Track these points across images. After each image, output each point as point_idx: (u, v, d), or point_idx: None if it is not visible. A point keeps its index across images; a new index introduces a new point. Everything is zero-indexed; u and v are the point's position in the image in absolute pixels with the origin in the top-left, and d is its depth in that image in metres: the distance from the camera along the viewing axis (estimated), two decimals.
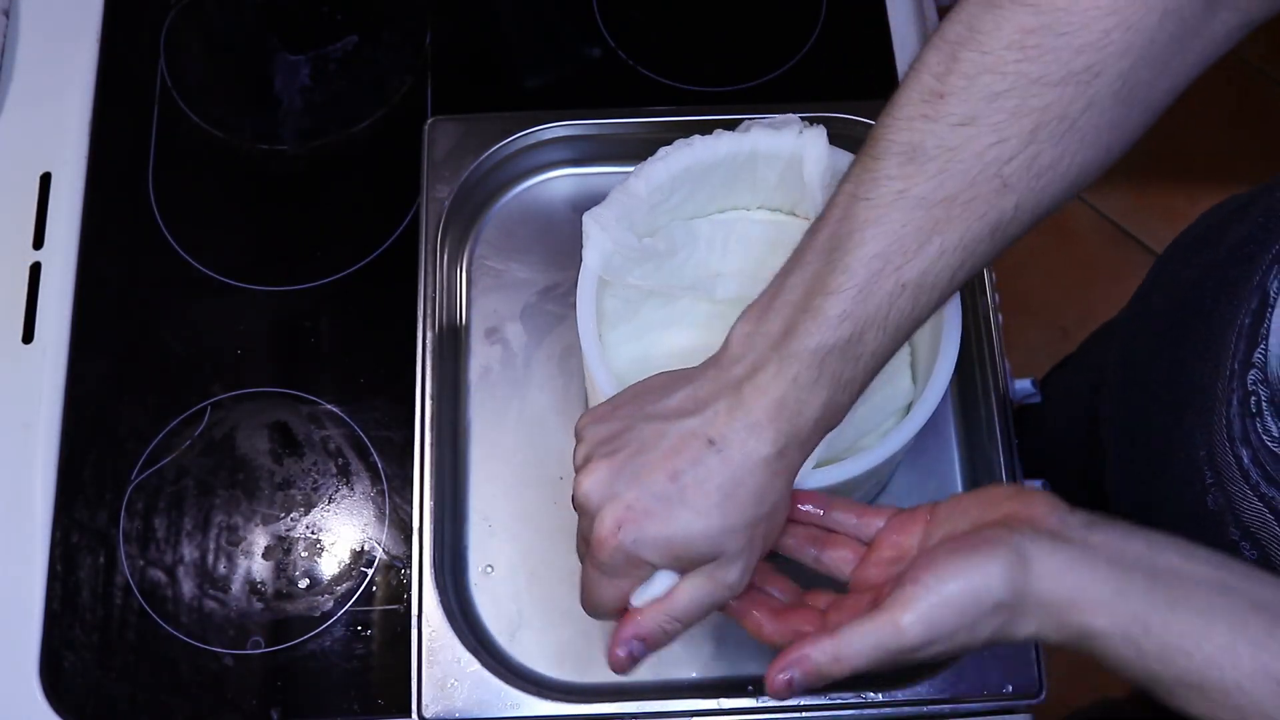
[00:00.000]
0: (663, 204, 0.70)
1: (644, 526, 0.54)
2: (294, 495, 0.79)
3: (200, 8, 0.93)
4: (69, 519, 0.78)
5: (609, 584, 0.57)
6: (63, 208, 0.86)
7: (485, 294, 0.83)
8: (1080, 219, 1.71)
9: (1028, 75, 0.53)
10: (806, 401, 0.54)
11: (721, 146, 0.70)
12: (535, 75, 0.92)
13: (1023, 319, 1.60)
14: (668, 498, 0.54)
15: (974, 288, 0.79)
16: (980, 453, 0.78)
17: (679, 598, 0.56)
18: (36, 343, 0.83)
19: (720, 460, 0.54)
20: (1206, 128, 1.75)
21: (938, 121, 0.54)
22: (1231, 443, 0.62)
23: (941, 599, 0.51)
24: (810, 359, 0.54)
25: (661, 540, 0.54)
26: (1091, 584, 0.50)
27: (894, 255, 0.54)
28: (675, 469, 0.54)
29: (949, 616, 0.51)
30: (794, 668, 0.53)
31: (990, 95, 0.53)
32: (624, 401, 0.58)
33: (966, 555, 0.51)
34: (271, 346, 0.84)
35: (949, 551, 0.52)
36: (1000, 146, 0.53)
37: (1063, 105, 0.53)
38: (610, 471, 0.55)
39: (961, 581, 0.51)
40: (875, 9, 0.92)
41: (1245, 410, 0.61)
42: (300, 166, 0.89)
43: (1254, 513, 0.62)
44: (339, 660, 0.76)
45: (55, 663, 0.75)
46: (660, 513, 0.54)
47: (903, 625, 0.51)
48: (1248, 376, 0.61)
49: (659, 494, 0.54)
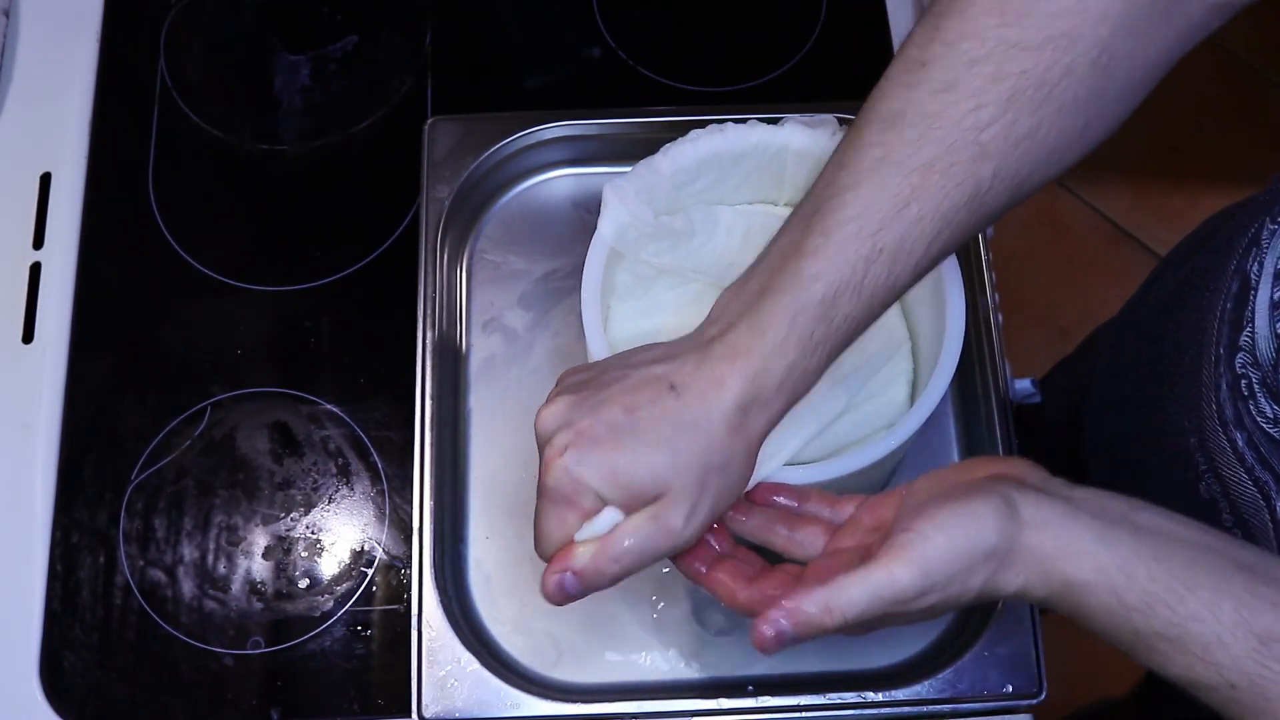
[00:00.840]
0: (687, 185, 0.70)
1: (590, 451, 0.55)
2: (294, 495, 0.79)
3: (200, 8, 0.94)
4: (69, 519, 0.78)
5: (556, 516, 0.56)
6: (63, 208, 0.86)
7: (484, 287, 0.83)
8: (1080, 219, 1.71)
9: (1006, 40, 0.53)
10: (772, 359, 0.55)
11: (753, 137, 0.70)
12: (535, 75, 0.92)
13: (1023, 319, 1.60)
14: (618, 427, 0.55)
15: (974, 287, 0.79)
16: (980, 453, 0.77)
17: (619, 537, 0.56)
18: (36, 343, 0.83)
19: (679, 404, 0.55)
20: (1206, 128, 1.75)
21: (918, 89, 0.55)
22: (1224, 427, 0.62)
23: (936, 545, 0.51)
24: (781, 317, 0.54)
25: (605, 465, 0.55)
26: (1077, 535, 0.51)
27: (870, 220, 0.54)
28: (632, 404, 0.55)
29: (944, 562, 0.51)
30: (784, 619, 0.53)
31: (969, 61, 0.54)
32: (607, 361, 0.60)
33: (959, 503, 0.52)
34: (271, 346, 0.84)
35: (941, 500, 0.53)
36: (978, 113, 0.54)
37: (1040, 71, 0.53)
38: (570, 404, 0.56)
39: (956, 527, 0.51)
40: (875, 9, 0.92)
41: (1236, 394, 0.61)
42: (300, 166, 0.89)
43: (1249, 498, 0.62)
44: (339, 660, 0.76)
45: (55, 663, 0.75)
46: (608, 440, 0.55)
47: (897, 572, 0.51)
48: (1235, 360, 0.61)
49: (611, 423, 0.55)
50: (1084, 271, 1.68)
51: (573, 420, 0.56)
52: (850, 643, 0.75)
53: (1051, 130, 0.55)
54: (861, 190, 0.54)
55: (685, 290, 0.73)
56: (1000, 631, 0.71)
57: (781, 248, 0.56)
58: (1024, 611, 0.72)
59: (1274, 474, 0.60)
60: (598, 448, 0.55)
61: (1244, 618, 0.49)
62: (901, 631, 0.75)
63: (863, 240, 0.54)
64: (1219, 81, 1.78)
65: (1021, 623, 0.72)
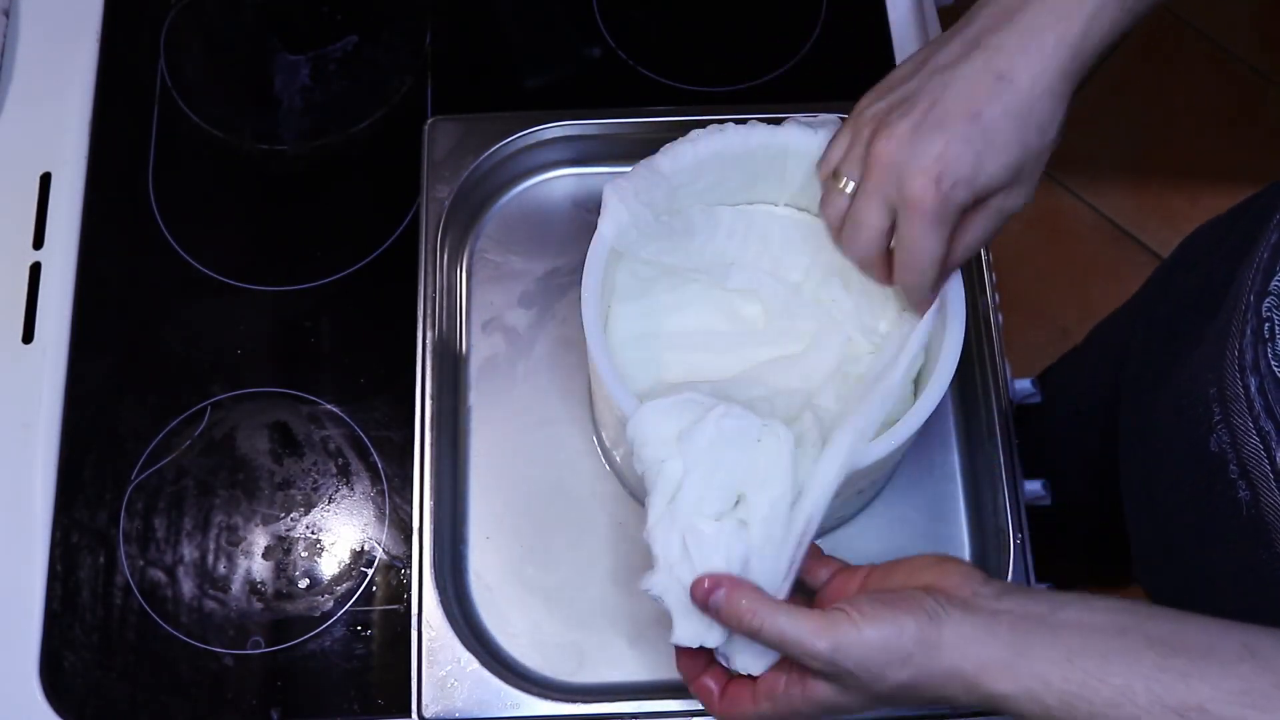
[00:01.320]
0: (687, 186, 0.70)
1: (958, 169, 0.57)
2: (294, 495, 0.79)
3: (200, 8, 0.94)
4: (69, 519, 0.78)
5: (934, 236, 0.59)
6: (63, 208, 0.86)
7: (484, 287, 0.83)
8: (1080, 219, 1.71)
9: None
10: (1096, 18, 0.57)
11: (754, 138, 0.70)
12: (535, 75, 0.92)
13: (1023, 319, 1.60)
14: (971, 139, 0.57)
15: (974, 287, 0.79)
16: (980, 453, 0.78)
17: (975, 231, 0.60)
18: (36, 343, 0.83)
19: (1012, 93, 0.57)
20: (1206, 128, 1.75)
21: None
22: (1242, 372, 0.63)
23: (857, 634, 0.54)
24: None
25: (972, 180, 0.57)
26: (995, 651, 0.53)
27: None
28: (973, 110, 0.57)
29: (857, 652, 0.54)
30: (722, 587, 0.57)
31: None
32: (900, 73, 0.61)
33: (891, 609, 0.55)
34: (271, 346, 0.84)
35: (879, 600, 0.55)
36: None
37: None
38: (911, 127, 0.58)
39: (879, 628, 0.54)
40: (875, 9, 0.92)
41: (1259, 338, 0.62)
42: (300, 166, 0.89)
43: (1251, 449, 0.62)
44: (339, 660, 0.76)
45: (55, 663, 0.75)
46: (969, 154, 0.57)
47: (817, 633, 0.54)
48: (1263, 305, 0.62)
49: (965, 135, 0.57)
50: (1084, 271, 1.68)
51: (924, 147, 0.57)
52: None
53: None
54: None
55: (685, 290, 0.73)
56: None
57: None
58: None
59: (1275, 423, 0.60)
60: (961, 166, 0.57)
61: (1157, 694, 0.50)
62: None
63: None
64: (1219, 81, 1.78)
65: None
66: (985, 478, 0.77)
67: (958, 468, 0.79)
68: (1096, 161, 1.73)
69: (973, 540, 0.77)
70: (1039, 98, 0.57)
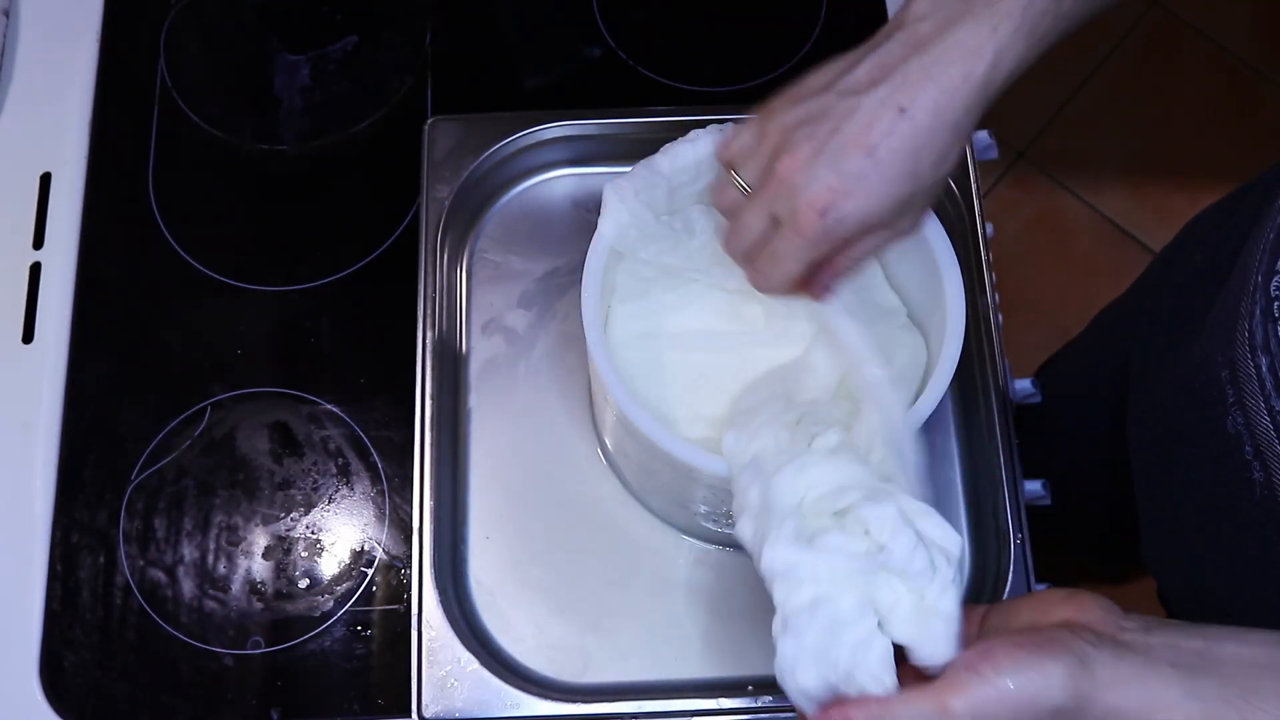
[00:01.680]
0: (687, 186, 0.70)
1: (845, 207, 0.57)
2: (294, 495, 0.79)
3: (200, 8, 0.94)
4: (69, 519, 0.78)
5: (799, 258, 0.60)
6: (63, 208, 0.86)
7: (484, 287, 0.83)
8: (1079, 219, 1.71)
9: None
10: (1003, 54, 0.55)
11: None
12: (535, 75, 0.92)
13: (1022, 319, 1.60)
14: (865, 176, 0.57)
15: (974, 287, 0.79)
16: (980, 453, 0.78)
17: (865, 246, 0.61)
18: (36, 343, 0.83)
19: (912, 127, 0.56)
20: (1205, 128, 1.75)
21: None
22: (1253, 352, 0.62)
23: (997, 692, 0.49)
24: (1012, 8, 0.55)
25: (859, 215, 0.58)
26: (1162, 690, 0.50)
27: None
28: (870, 144, 0.56)
29: (1001, 712, 0.50)
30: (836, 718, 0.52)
31: None
32: (813, 82, 0.60)
33: (1028, 654, 0.50)
34: (271, 346, 0.84)
35: (1009, 646, 0.51)
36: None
37: None
38: (811, 153, 0.57)
39: (1020, 679, 0.49)
40: (875, 9, 0.92)
41: (1269, 317, 0.61)
42: (300, 166, 0.89)
43: (1263, 429, 0.62)
44: (339, 660, 0.76)
45: (55, 663, 0.75)
46: (858, 193, 0.57)
47: (951, 707, 0.50)
48: (1271, 285, 0.61)
49: (859, 173, 0.57)
50: (1084, 271, 1.68)
51: (819, 174, 0.57)
52: None
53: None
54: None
55: (684, 291, 0.73)
56: None
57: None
58: None
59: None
60: (849, 201, 0.57)
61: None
62: None
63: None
64: (1219, 81, 1.78)
65: None
66: (985, 478, 0.77)
67: (958, 468, 0.79)
68: (1096, 161, 1.73)
69: (973, 540, 0.77)
70: (937, 132, 0.56)
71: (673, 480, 0.69)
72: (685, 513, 0.75)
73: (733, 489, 0.60)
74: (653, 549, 0.77)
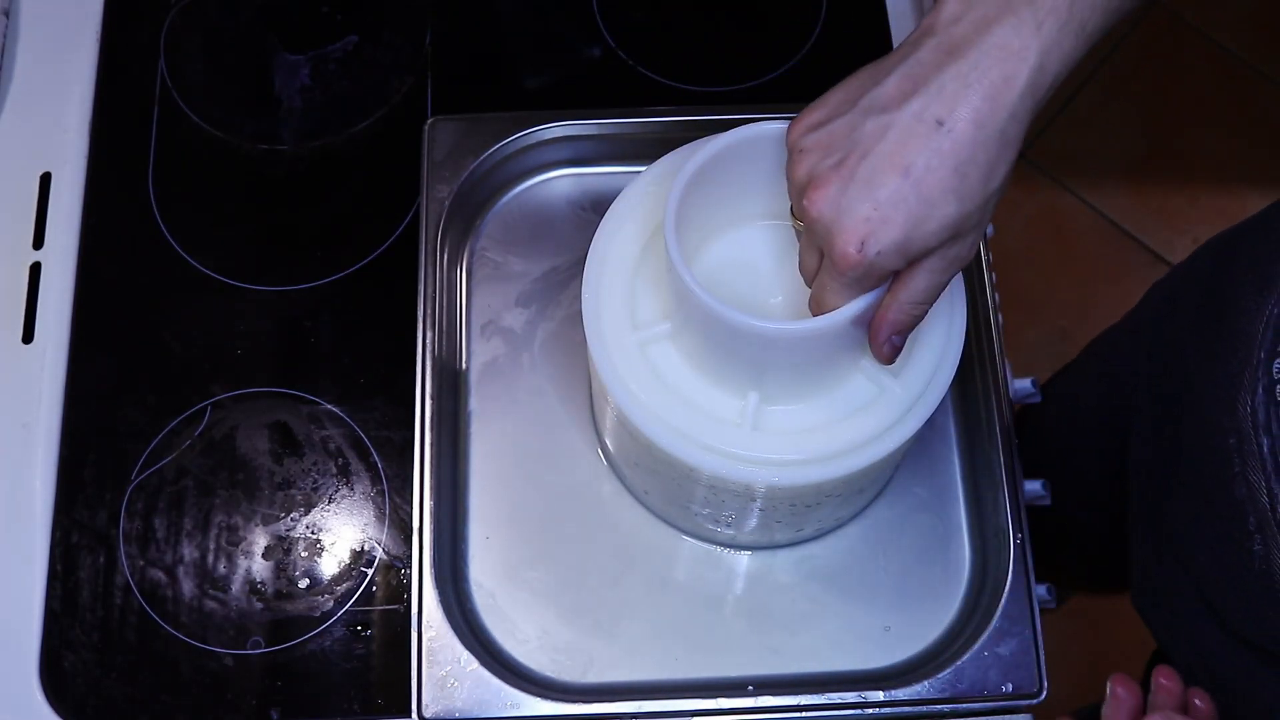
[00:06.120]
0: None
1: (884, 236, 0.52)
2: (294, 495, 0.79)
3: (200, 8, 0.93)
4: (69, 519, 0.78)
5: (847, 295, 0.56)
6: (63, 208, 0.86)
7: (484, 287, 0.83)
8: (1080, 219, 1.71)
9: None
10: (1050, 53, 0.50)
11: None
12: (535, 75, 0.92)
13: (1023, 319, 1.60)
14: (903, 200, 0.52)
15: (974, 287, 0.79)
16: (980, 453, 0.78)
17: (918, 283, 0.55)
18: (36, 343, 0.83)
19: (952, 142, 0.51)
20: (1205, 128, 1.75)
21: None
22: (1255, 431, 0.62)
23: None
24: (1058, 2, 0.50)
25: (902, 245, 0.53)
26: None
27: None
28: (906, 165, 0.51)
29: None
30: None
31: None
32: (836, 102, 0.55)
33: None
34: (271, 346, 0.84)
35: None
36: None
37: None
38: (840, 184, 0.53)
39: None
40: (875, 9, 0.92)
41: (1271, 398, 0.61)
42: (300, 166, 0.89)
43: (1263, 507, 0.62)
44: (339, 660, 0.76)
45: (55, 663, 0.75)
46: (898, 219, 0.52)
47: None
48: (1274, 365, 0.61)
49: (895, 198, 0.52)
50: (1084, 271, 1.68)
51: (852, 206, 0.52)
52: (851, 643, 0.75)
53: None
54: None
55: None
56: (1000, 631, 0.71)
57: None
58: (1024, 611, 0.72)
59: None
60: (889, 230, 0.52)
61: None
62: (901, 631, 0.75)
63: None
64: (1219, 81, 1.78)
65: (1022, 623, 0.72)
66: (985, 478, 0.77)
67: (958, 468, 0.79)
68: (1096, 161, 1.73)
69: (973, 540, 0.77)
70: (982, 145, 0.51)
71: (672, 480, 0.69)
72: (685, 513, 0.75)
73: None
74: (653, 549, 0.77)
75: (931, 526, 0.78)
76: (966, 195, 0.52)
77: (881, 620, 0.75)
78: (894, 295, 0.56)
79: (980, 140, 0.51)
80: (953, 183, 0.51)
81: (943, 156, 0.51)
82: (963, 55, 0.51)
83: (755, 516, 0.71)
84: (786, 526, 0.74)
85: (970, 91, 0.51)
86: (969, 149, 0.51)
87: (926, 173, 0.51)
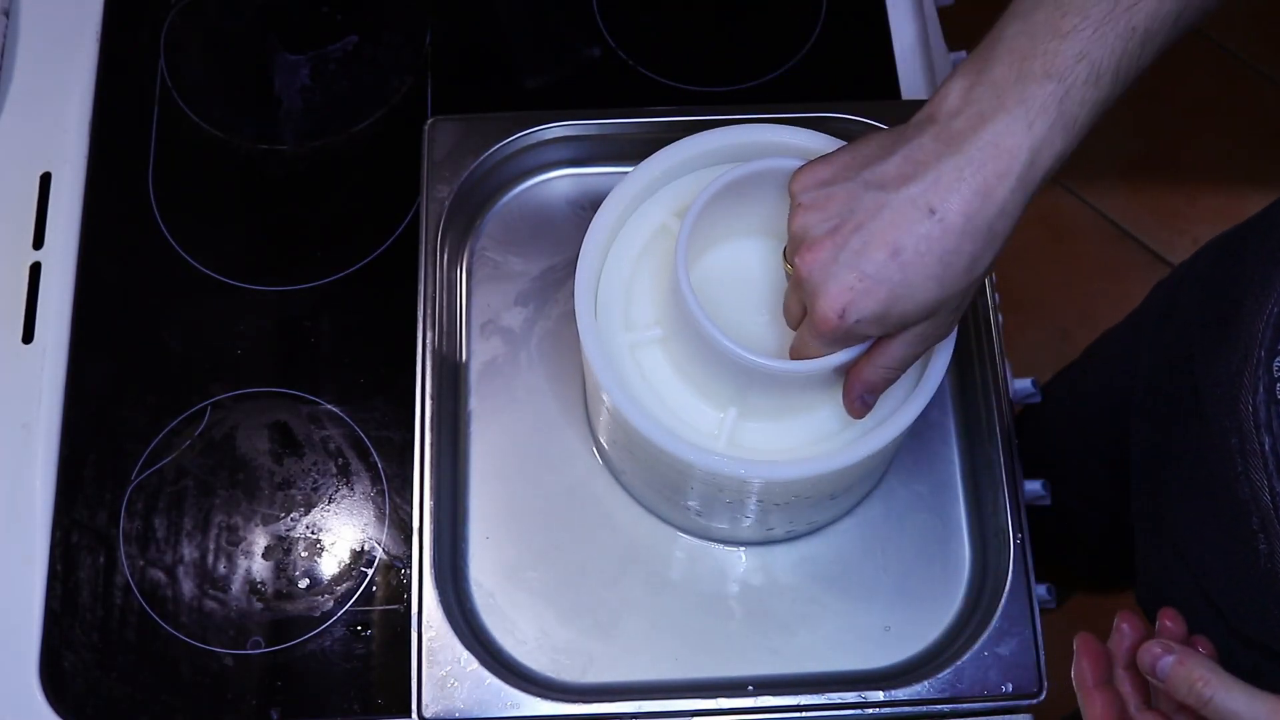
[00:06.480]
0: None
1: (864, 307, 0.55)
2: (294, 495, 0.79)
3: (200, 8, 0.94)
4: (69, 519, 0.78)
5: (825, 351, 0.60)
6: (63, 208, 0.86)
7: (484, 287, 0.83)
8: (1080, 219, 1.71)
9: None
10: (1042, 152, 0.53)
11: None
12: (535, 75, 0.92)
13: (1023, 319, 1.60)
14: (888, 277, 0.54)
15: None
16: (980, 452, 0.78)
17: (894, 352, 0.59)
18: (36, 343, 0.83)
19: (942, 231, 0.54)
20: (1204, 128, 1.75)
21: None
22: (1257, 430, 0.62)
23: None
24: (1047, 102, 0.53)
25: (880, 316, 0.56)
26: None
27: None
28: (896, 244, 0.54)
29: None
30: (1173, 654, 0.55)
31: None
32: (841, 166, 0.57)
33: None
34: (271, 346, 0.84)
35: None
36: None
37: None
38: (833, 249, 0.55)
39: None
40: (875, 9, 0.92)
41: (1271, 397, 0.61)
42: (300, 166, 0.89)
43: (1265, 506, 0.62)
44: (339, 660, 0.76)
45: (55, 663, 0.75)
46: (880, 292, 0.55)
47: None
48: (1274, 363, 0.61)
49: (880, 274, 0.54)
50: (1084, 271, 1.68)
51: (840, 272, 0.55)
52: (851, 643, 0.75)
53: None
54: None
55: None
56: (1000, 631, 0.71)
57: (1028, 29, 0.54)
58: (1024, 611, 0.72)
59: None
60: (869, 302, 0.55)
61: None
62: (901, 631, 0.75)
63: (1118, 19, 0.53)
64: (1219, 81, 1.78)
65: (1022, 623, 0.72)
66: (985, 478, 0.77)
67: (958, 467, 0.79)
68: (1096, 161, 1.73)
69: (973, 540, 0.77)
70: (969, 236, 0.54)
71: (665, 474, 0.69)
72: (679, 509, 0.75)
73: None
74: (653, 549, 0.77)
75: (931, 526, 0.78)
76: (949, 282, 0.55)
77: (881, 620, 0.75)
78: (870, 358, 0.60)
79: (968, 231, 0.54)
80: (936, 269, 0.54)
81: (931, 243, 0.54)
82: (960, 149, 0.54)
83: (750, 512, 0.71)
84: (782, 520, 0.74)
85: (964, 185, 0.53)
86: (956, 239, 0.54)
87: (914, 256, 0.54)
